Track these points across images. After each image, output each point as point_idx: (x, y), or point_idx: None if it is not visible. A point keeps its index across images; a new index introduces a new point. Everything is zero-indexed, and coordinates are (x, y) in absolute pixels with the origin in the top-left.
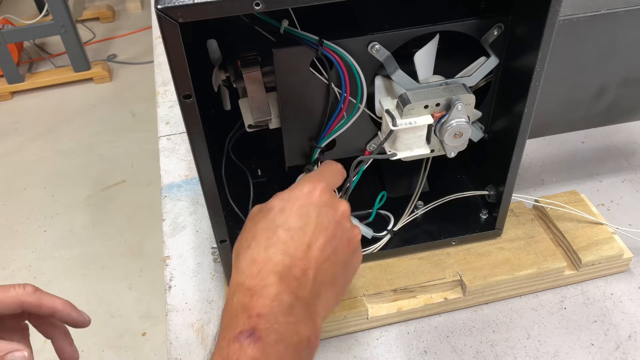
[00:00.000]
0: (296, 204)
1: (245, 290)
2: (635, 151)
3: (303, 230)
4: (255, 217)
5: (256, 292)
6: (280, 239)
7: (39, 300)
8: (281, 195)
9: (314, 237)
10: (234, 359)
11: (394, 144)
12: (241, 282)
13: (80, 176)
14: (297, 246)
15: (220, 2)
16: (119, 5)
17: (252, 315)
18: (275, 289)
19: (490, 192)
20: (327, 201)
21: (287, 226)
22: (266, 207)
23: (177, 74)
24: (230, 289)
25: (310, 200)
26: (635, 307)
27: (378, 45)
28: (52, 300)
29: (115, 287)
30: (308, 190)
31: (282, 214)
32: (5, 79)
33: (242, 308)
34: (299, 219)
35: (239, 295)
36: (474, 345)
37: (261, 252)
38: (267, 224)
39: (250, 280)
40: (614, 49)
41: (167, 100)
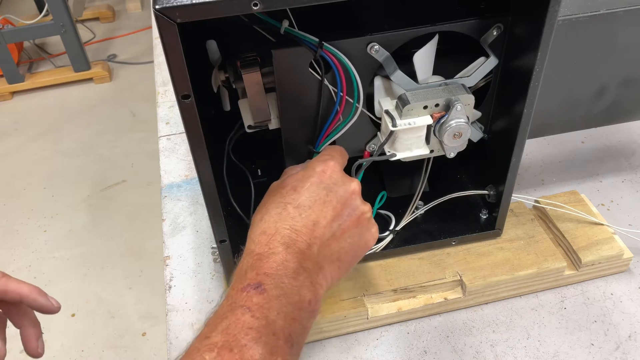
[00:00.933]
0: (307, 182)
1: (254, 255)
2: (635, 151)
3: (311, 208)
4: (271, 192)
5: (264, 256)
6: (289, 214)
7: (4, 286)
8: (295, 175)
9: (321, 215)
10: (240, 304)
11: (394, 145)
12: (252, 249)
13: (80, 176)
14: (304, 223)
15: (219, 2)
16: (119, 5)
17: (259, 273)
18: (282, 256)
19: (490, 192)
20: (337, 180)
21: (297, 203)
22: (281, 185)
23: (175, 75)
24: (242, 256)
25: (321, 179)
26: (635, 307)
27: (377, 46)
28: (18, 285)
29: (115, 287)
30: (320, 169)
31: (294, 192)
32: (5, 79)
33: (250, 267)
34: (308, 198)
35: (249, 259)
36: (474, 345)
37: (271, 225)
38: (279, 199)
39: (259, 248)
40: (614, 49)
41: (167, 100)
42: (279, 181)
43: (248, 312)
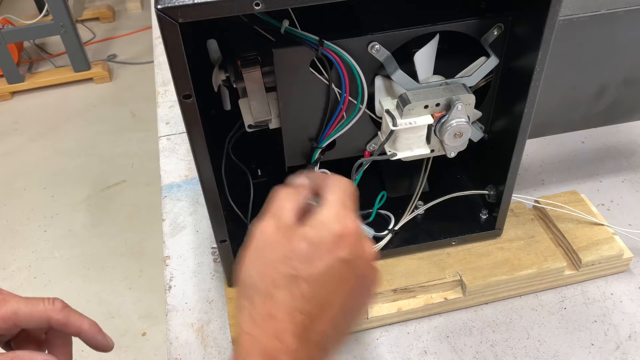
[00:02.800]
0: (322, 251)
1: (262, 350)
2: (635, 151)
3: (328, 286)
4: (278, 244)
5: (274, 357)
6: (303, 294)
7: (66, 319)
8: (306, 235)
9: (337, 295)
10: None
11: (394, 144)
12: (257, 337)
13: (80, 176)
14: (319, 305)
15: (220, 2)
16: (119, 5)
17: None
18: (293, 357)
19: (490, 192)
20: (355, 251)
21: (311, 279)
22: (291, 240)
23: (177, 74)
24: (240, 342)
25: (337, 248)
26: (635, 307)
27: (378, 45)
28: (79, 319)
29: (115, 287)
30: (338, 234)
31: (307, 263)
32: (5, 79)
33: None
34: (323, 273)
35: (255, 357)
36: (474, 345)
37: (281, 306)
38: (288, 268)
39: (268, 341)
40: (614, 49)
41: (167, 100)
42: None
43: None
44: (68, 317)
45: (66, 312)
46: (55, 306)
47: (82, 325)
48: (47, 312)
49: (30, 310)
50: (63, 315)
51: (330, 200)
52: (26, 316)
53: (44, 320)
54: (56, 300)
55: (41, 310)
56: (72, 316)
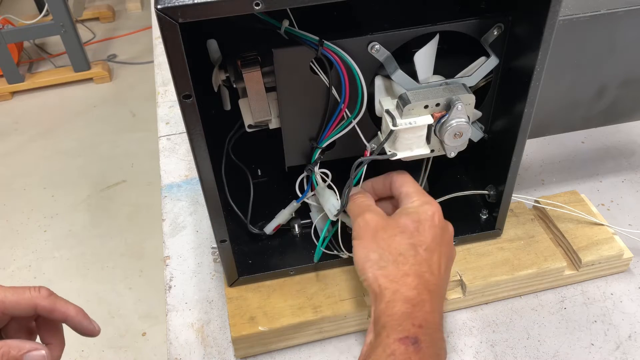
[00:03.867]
0: (426, 225)
1: (405, 299)
2: (635, 151)
3: (436, 251)
4: (387, 229)
5: (416, 304)
6: (424, 258)
7: (52, 305)
8: (409, 216)
9: (442, 257)
10: (400, 358)
11: (394, 144)
12: (397, 289)
13: (80, 176)
14: (435, 267)
15: (220, 2)
16: (119, 5)
17: (415, 324)
18: (430, 305)
19: (490, 192)
20: (443, 225)
21: (425, 246)
22: (397, 223)
23: (177, 74)
24: (384, 293)
25: (434, 223)
26: (635, 307)
27: (378, 45)
28: (65, 305)
29: (115, 287)
30: (431, 213)
31: (419, 235)
32: (5, 79)
33: (406, 315)
34: (432, 241)
35: (400, 303)
36: (474, 345)
37: (412, 268)
38: (407, 240)
39: (408, 292)
40: (614, 49)
41: (167, 100)
42: (382, 217)
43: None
44: (54, 303)
45: (52, 299)
46: (42, 293)
47: (68, 311)
48: (33, 300)
49: (17, 298)
50: (49, 302)
51: (412, 192)
52: (13, 304)
53: (31, 308)
54: (42, 288)
55: (27, 298)
56: (58, 303)
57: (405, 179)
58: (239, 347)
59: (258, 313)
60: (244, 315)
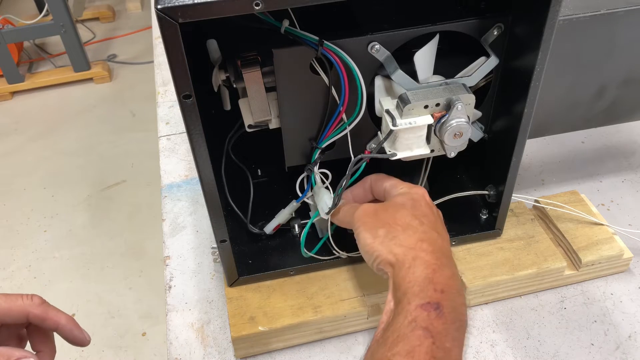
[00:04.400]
0: (421, 202)
1: (425, 263)
2: (635, 151)
3: (436, 222)
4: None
5: (437, 268)
6: (430, 226)
7: (44, 314)
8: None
9: (441, 227)
10: (422, 325)
11: (394, 144)
12: (416, 255)
13: (80, 176)
14: (443, 234)
15: (220, 2)
16: (119, 5)
17: (437, 289)
18: (450, 270)
19: (490, 192)
20: (431, 203)
21: (428, 219)
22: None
23: (177, 74)
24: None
25: (426, 201)
26: (635, 307)
27: (378, 45)
28: (57, 314)
29: (115, 287)
30: (421, 193)
31: (417, 209)
32: (5, 79)
33: (427, 280)
34: (431, 214)
35: (421, 267)
36: (474, 345)
37: (424, 233)
38: (410, 213)
39: (427, 256)
40: (614, 49)
41: (167, 100)
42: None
43: (430, 338)
44: (46, 312)
45: (44, 307)
46: (34, 301)
47: (60, 320)
48: (25, 308)
49: (9, 305)
50: (41, 310)
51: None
52: (5, 312)
53: (23, 316)
54: (34, 296)
55: (20, 306)
56: (50, 311)
57: (382, 176)
58: (239, 347)
59: (258, 313)
60: (244, 315)
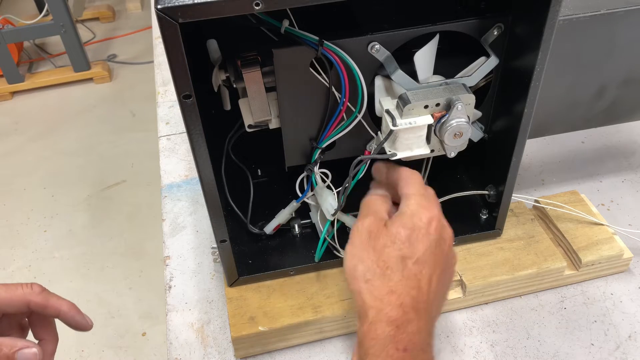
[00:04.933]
0: (419, 234)
1: (389, 320)
2: (635, 151)
3: (427, 263)
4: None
5: (400, 325)
6: (412, 272)
7: (45, 301)
8: (402, 222)
9: (434, 271)
10: None
11: (394, 144)
12: (381, 309)
13: (80, 176)
14: (425, 280)
15: (220, 2)
16: (119, 5)
17: (399, 348)
18: (416, 325)
19: (490, 192)
20: (441, 233)
21: (416, 259)
22: (390, 232)
23: (177, 74)
24: (367, 313)
25: (429, 231)
26: (635, 307)
27: (378, 45)
28: (58, 301)
29: (115, 287)
30: (427, 220)
31: (410, 245)
32: (5, 79)
33: (390, 339)
34: (423, 253)
35: (383, 325)
36: (474, 345)
37: (399, 284)
38: (396, 252)
39: (392, 311)
40: (614, 49)
41: (167, 100)
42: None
43: None
44: (47, 300)
45: (45, 295)
46: (34, 290)
47: (61, 307)
48: (26, 296)
49: (10, 295)
50: (42, 298)
51: (412, 194)
52: (5, 301)
53: (24, 304)
54: (34, 284)
55: (20, 295)
56: (51, 299)
57: (410, 180)
58: (239, 347)
59: (258, 313)
60: (244, 315)
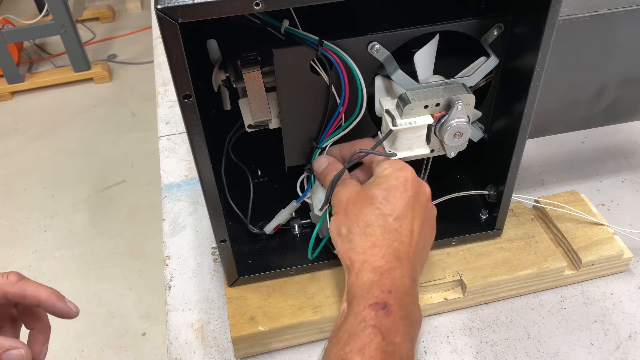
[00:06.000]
0: (397, 192)
1: (373, 268)
2: (635, 151)
3: (407, 218)
4: (357, 202)
5: (384, 272)
6: (393, 227)
7: (22, 291)
8: (379, 185)
9: (415, 224)
10: (371, 324)
11: (394, 144)
12: (365, 260)
13: (80, 176)
14: (406, 233)
15: (220, 2)
16: (119, 5)
17: (384, 290)
18: (400, 272)
19: (490, 192)
20: (417, 188)
21: (395, 215)
22: (367, 194)
23: (177, 74)
24: (353, 265)
25: (406, 187)
26: (635, 307)
27: (378, 45)
28: (36, 289)
29: (115, 287)
30: (403, 179)
31: (388, 203)
32: (5, 79)
33: (375, 283)
34: (403, 208)
35: (368, 273)
36: (474, 345)
37: (379, 237)
38: (375, 210)
39: (376, 261)
40: (614, 49)
41: (167, 100)
42: (354, 190)
43: (380, 335)
44: (24, 289)
45: (21, 284)
46: (10, 279)
47: (40, 295)
48: (1, 287)
49: None
50: (18, 288)
51: (383, 159)
52: None
53: (1, 296)
54: (10, 273)
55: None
56: (29, 287)
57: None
58: (239, 347)
59: (258, 313)
60: (244, 315)
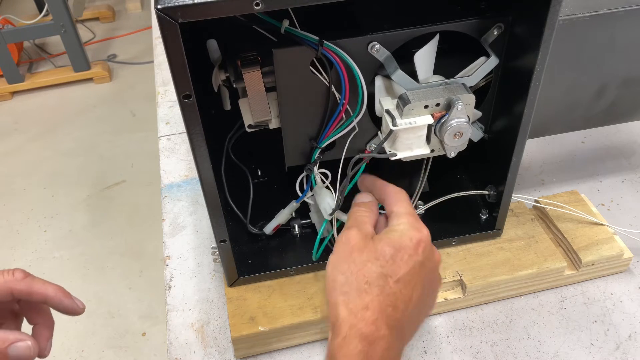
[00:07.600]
0: (405, 254)
1: (362, 336)
2: (635, 151)
3: (409, 284)
4: (363, 251)
5: (373, 341)
6: (392, 290)
7: (29, 287)
8: (390, 241)
9: (415, 291)
10: None
11: (394, 144)
12: (355, 324)
13: (80, 176)
14: (403, 299)
15: (220, 2)
16: (119, 5)
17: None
18: (387, 342)
19: (490, 192)
20: (428, 255)
21: (397, 278)
22: (376, 248)
23: (177, 74)
24: (340, 327)
25: (417, 252)
26: (635, 307)
27: (378, 45)
28: (43, 286)
29: (115, 287)
30: (416, 241)
31: (394, 264)
32: (5, 79)
33: (362, 355)
34: (406, 272)
35: (356, 341)
36: (474, 345)
37: (375, 300)
38: (379, 269)
39: (366, 327)
40: (614, 49)
41: (167, 100)
42: (363, 238)
43: None
44: (30, 286)
45: (28, 281)
46: (16, 276)
47: (47, 292)
48: (7, 284)
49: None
50: (25, 285)
51: (403, 213)
52: None
53: (7, 293)
54: (16, 270)
55: (1, 283)
56: (35, 284)
57: (399, 198)
58: (239, 347)
59: (258, 313)
60: (244, 315)
